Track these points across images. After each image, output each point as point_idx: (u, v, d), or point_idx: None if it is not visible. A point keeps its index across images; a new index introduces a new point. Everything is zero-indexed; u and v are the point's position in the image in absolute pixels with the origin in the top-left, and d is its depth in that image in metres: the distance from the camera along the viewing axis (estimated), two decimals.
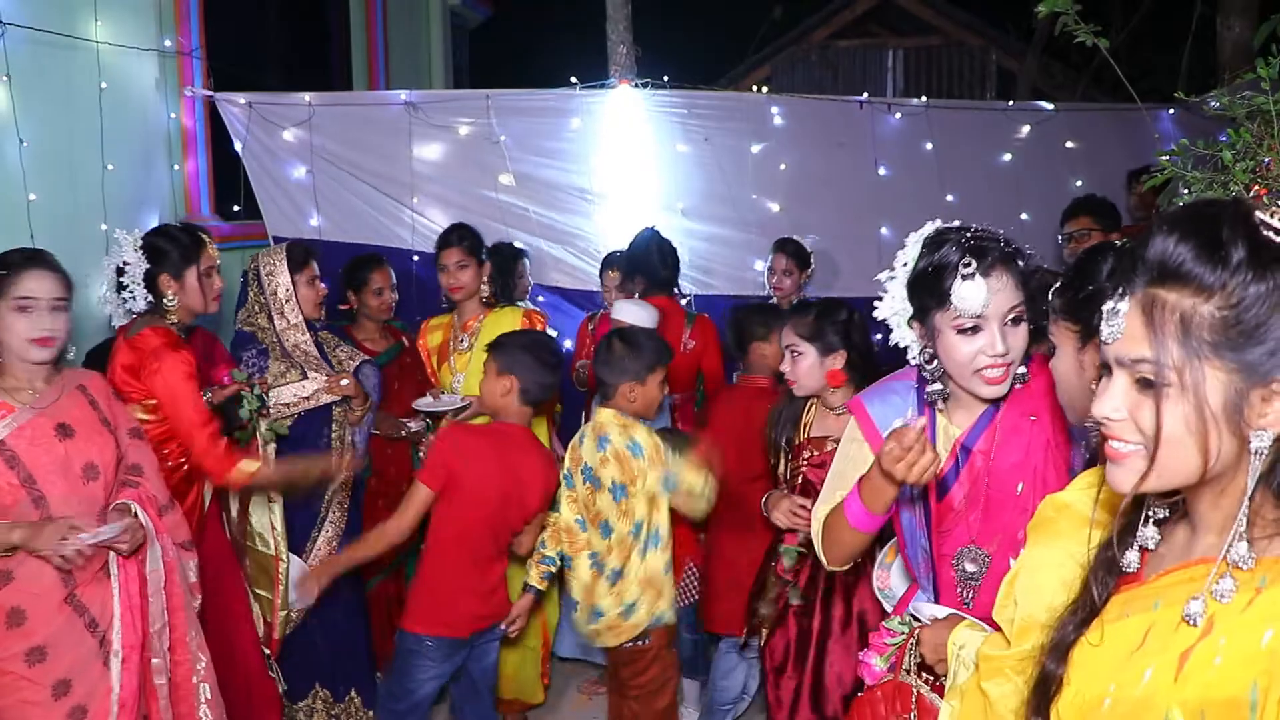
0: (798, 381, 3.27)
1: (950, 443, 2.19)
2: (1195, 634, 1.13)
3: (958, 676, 1.74)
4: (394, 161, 5.79)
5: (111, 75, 4.88)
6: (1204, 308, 1.12)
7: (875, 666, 2.22)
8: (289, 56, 7.42)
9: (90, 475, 2.88)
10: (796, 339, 3.24)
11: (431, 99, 5.94)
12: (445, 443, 3.40)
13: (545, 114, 5.92)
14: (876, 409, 2.31)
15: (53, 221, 4.37)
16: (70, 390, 2.95)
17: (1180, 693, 1.12)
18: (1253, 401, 1.11)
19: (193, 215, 5.71)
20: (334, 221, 5.77)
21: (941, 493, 2.20)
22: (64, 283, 2.97)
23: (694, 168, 6.00)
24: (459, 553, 3.37)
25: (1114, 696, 1.19)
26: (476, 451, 3.35)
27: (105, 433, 2.97)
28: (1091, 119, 6.70)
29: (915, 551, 2.29)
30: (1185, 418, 1.13)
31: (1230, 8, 6.62)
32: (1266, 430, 1.11)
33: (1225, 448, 1.13)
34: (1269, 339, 1.09)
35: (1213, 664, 1.10)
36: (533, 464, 3.45)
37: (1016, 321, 2.04)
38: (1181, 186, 2.50)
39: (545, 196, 5.91)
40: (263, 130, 5.64)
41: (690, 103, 5.98)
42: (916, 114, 6.30)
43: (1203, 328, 1.12)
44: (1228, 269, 1.10)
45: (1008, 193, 6.29)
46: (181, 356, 3.42)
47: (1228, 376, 1.11)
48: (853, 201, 6.19)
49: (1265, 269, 1.09)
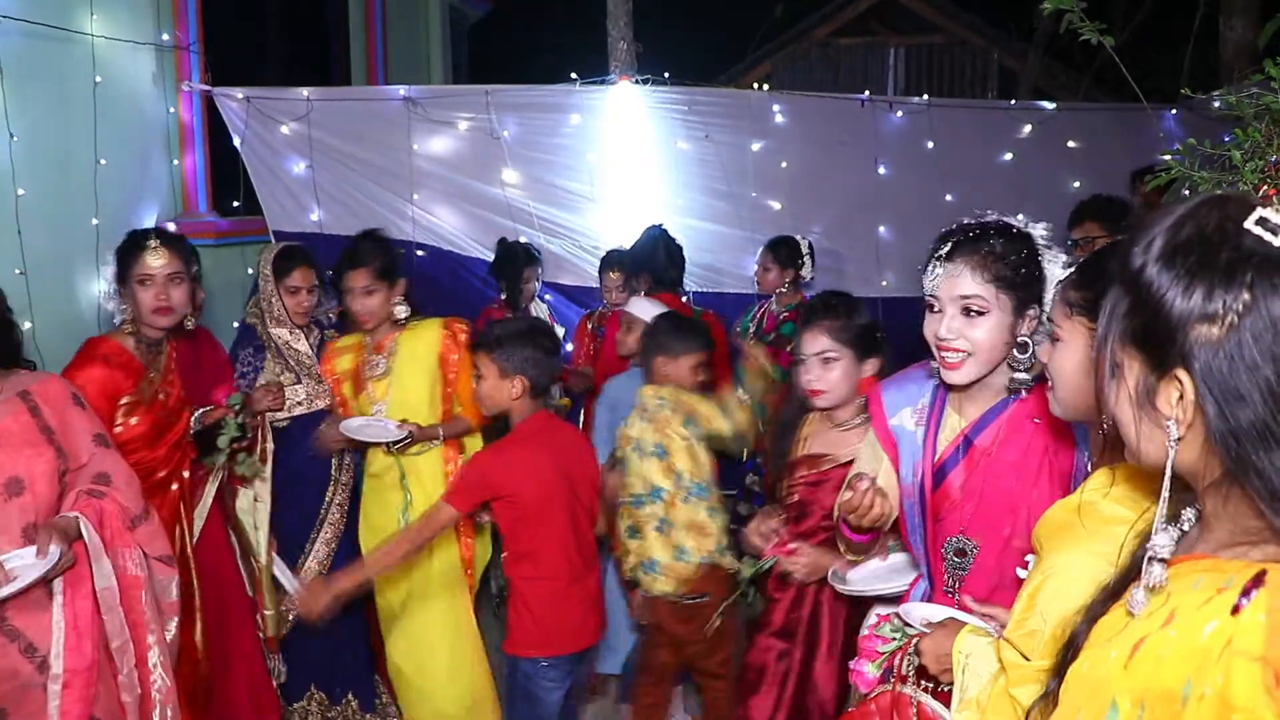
0: (827, 391, 2.94)
1: (954, 433, 2.25)
2: (1155, 624, 1.13)
3: (967, 689, 1.71)
4: (394, 157, 5.77)
5: (107, 70, 4.86)
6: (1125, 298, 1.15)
7: (868, 674, 2.18)
8: (288, 51, 7.40)
9: (13, 490, 2.67)
10: (831, 343, 2.93)
11: (431, 94, 5.93)
12: (484, 467, 3.20)
13: (545, 110, 5.90)
14: (890, 395, 2.40)
15: (42, 217, 4.34)
16: (6, 397, 2.73)
17: (1128, 679, 1.12)
18: (1160, 392, 1.13)
19: (190, 211, 5.69)
20: (334, 216, 5.74)
21: (938, 481, 2.26)
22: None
23: (694, 165, 5.98)
24: (551, 568, 3.19)
25: (1083, 673, 1.21)
26: (530, 467, 3.15)
27: (41, 443, 2.74)
28: (1093, 119, 6.69)
29: (914, 538, 2.34)
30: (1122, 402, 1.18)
31: (1232, 8, 6.61)
32: (1173, 422, 1.12)
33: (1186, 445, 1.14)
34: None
35: (1159, 654, 1.10)
36: (578, 451, 3.32)
37: (970, 313, 2.08)
38: (1187, 186, 2.47)
39: (545, 193, 5.90)
40: (261, 125, 5.61)
41: (691, 100, 5.96)
42: (918, 113, 6.28)
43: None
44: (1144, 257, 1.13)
45: (1007, 192, 6.26)
46: (75, 374, 3.20)
47: (1140, 365, 1.15)
48: (852, 200, 6.18)
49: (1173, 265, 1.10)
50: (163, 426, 3.40)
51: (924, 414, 2.32)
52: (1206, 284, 1.07)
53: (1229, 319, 1.06)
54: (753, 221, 5.94)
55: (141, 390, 3.33)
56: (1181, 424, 1.11)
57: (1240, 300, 1.06)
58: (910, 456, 2.32)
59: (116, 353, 3.32)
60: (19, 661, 2.63)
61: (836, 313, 2.97)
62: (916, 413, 2.33)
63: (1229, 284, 1.06)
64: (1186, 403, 1.10)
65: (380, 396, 3.81)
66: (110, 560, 2.75)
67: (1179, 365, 1.09)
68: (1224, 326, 1.06)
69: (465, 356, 3.69)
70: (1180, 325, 1.08)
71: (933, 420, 2.29)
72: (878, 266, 6.12)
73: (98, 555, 2.71)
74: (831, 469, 2.98)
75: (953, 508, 2.24)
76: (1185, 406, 1.10)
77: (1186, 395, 1.10)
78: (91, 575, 2.72)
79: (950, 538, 2.25)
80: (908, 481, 2.32)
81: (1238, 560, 1.12)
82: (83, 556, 2.71)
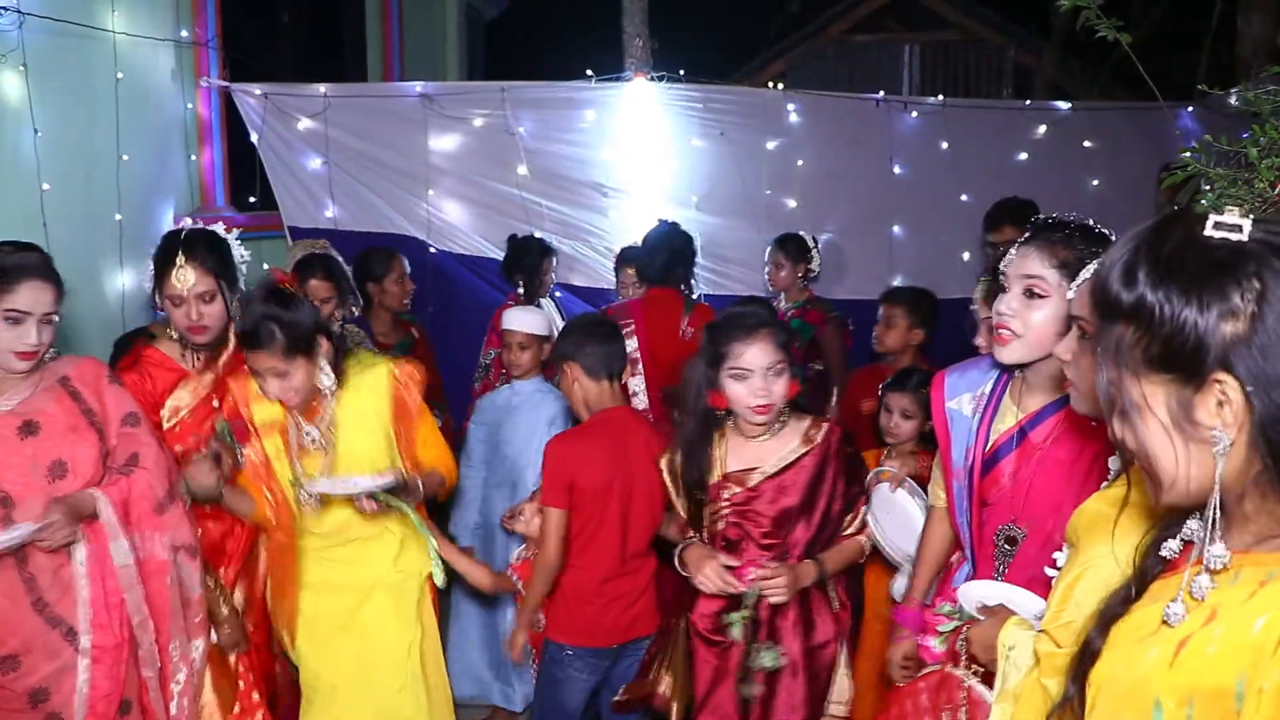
0: (775, 403, 2.79)
1: (1011, 423, 2.31)
2: (1198, 622, 1.13)
3: (1008, 679, 1.73)
4: (409, 153, 5.79)
5: (128, 66, 4.89)
6: (1128, 332, 1.16)
7: (935, 648, 2.24)
8: (304, 48, 7.44)
9: (56, 474, 2.70)
10: (780, 355, 2.79)
11: (447, 91, 5.95)
12: (555, 458, 3.17)
13: (560, 106, 5.91)
14: (953, 380, 2.48)
15: (67, 211, 4.38)
16: (48, 384, 2.76)
17: (1172, 678, 1.13)
18: (1199, 405, 1.13)
19: (208, 206, 5.73)
20: (349, 212, 5.77)
21: (988, 467, 2.32)
22: (58, 293, 2.76)
23: (709, 163, 5.98)
24: (592, 559, 3.19)
25: (1119, 675, 1.21)
26: (589, 456, 3.15)
27: (84, 427, 2.78)
28: (1108, 118, 6.66)
29: (961, 519, 2.41)
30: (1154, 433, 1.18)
31: (1250, 4, 6.58)
32: (1219, 430, 1.12)
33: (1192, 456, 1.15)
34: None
35: (1206, 653, 1.11)
36: (646, 449, 3.19)
37: (1031, 295, 2.15)
38: (1204, 184, 2.47)
39: (559, 190, 5.90)
40: (278, 121, 5.64)
41: (706, 97, 5.96)
42: (933, 113, 6.27)
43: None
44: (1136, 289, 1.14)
45: (1023, 192, 6.23)
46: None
47: (1165, 389, 1.15)
48: (867, 200, 6.16)
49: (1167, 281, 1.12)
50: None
51: (982, 401, 2.38)
52: (1215, 285, 1.09)
53: (1249, 309, 1.08)
54: (768, 220, 5.94)
55: (181, 397, 3.14)
56: (1230, 427, 1.11)
57: (1253, 289, 1.08)
58: (962, 441, 2.39)
59: (153, 357, 3.16)
60: (60, 645, 2.69)
61: (773, 320, 2.94)
62: (975, 399, 2.40)
63: (1235, 277, 1.08)
64: (1234, 403, 1.10)
65: (311, 471, 3.04)
66: (136, 541, 2.77)
67: (1217, 369, 1.10)
68: (1246, 318, 1.08)
69: (419, 401, 3.19)
70: (1206, 330, 1.09)
71: (990, 408, 2.36)
72: (890, 266, 6.12)
73: (114, 534, 2.73)
74: (763, 481, 2.84)
75: (1002, 495, 2.30)
76: (1234, 408, 1.11)
77: (1232, 395, 1.10)
78: (109, 554, 2.74)
79: (1002, 525, 2.31)
80: (958, 465, 2.39)
81: (1278, 553, 1.13)
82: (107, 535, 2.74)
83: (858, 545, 2.91)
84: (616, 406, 3.29)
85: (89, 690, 2.69)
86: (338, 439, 3.04)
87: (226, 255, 3.10)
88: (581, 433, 3.26)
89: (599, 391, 3.24)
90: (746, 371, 2.76)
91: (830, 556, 2.84)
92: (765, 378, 2.76)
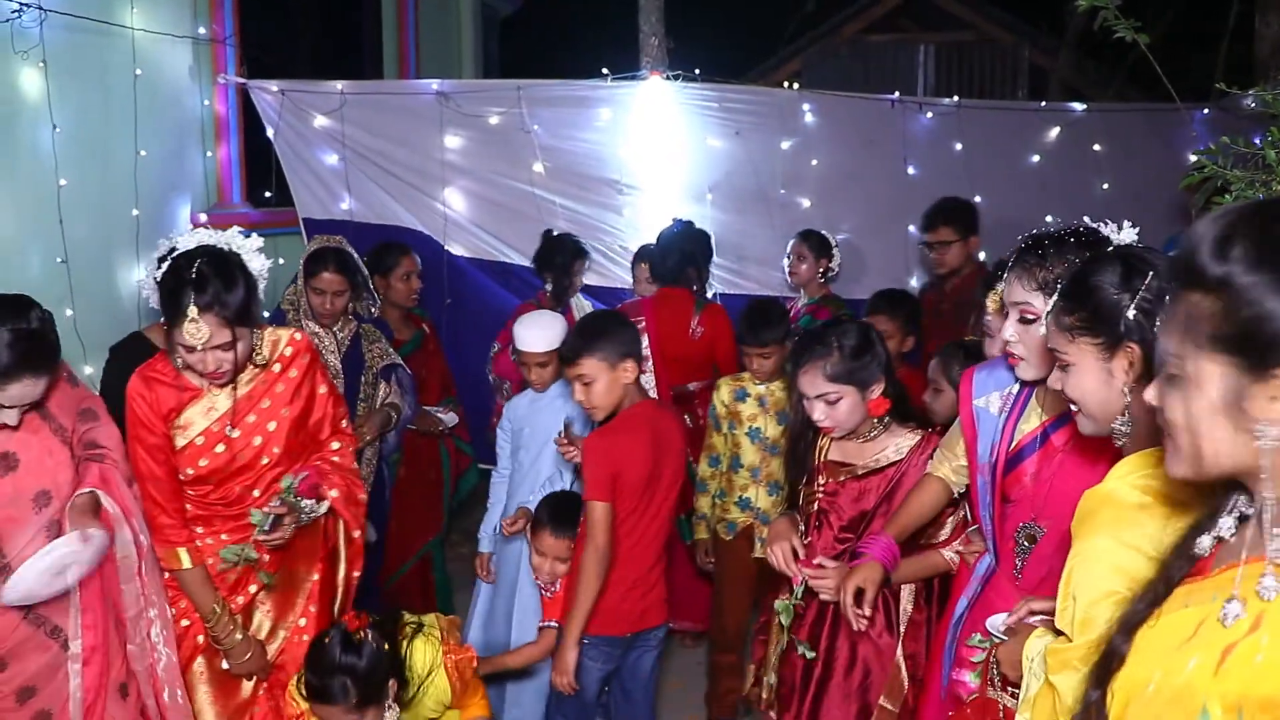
0: (839, 426, 2.86)
1: (1035, 424, 2.37)
2: (1242, 629, 1.12)
3: (1030, 688, 1.74)
4: (425, 151, 5.80)
5: (146, 62, 4.92)
6: (1205, 303, 1.14)
7: (970, 682, 2.27)
8: (321, 45, 7.46)
9: (41, 503, 2.66)
10: (829, 385, 2.82)
11: (463, 89, 5.95)
12: (597, 452, 3.11)
13: (576, 105, 5.91)
14: (982, 377, 2.53)
15: (83, 207, 4.41)
16: (27, 411, 2.65)
17: (1219, 686, 1.11)
18: (1255, 395, 1.12)
19: (224, 202, 5.76)
20: (366, 206, 5.79)
21: (1011, 466, 2.39)
22: (51, 379, 2.64)
23: (724, 161, 5.98)
24: (639, 550, 3.20)
25: (1158, 683, 1.19)
26: (632, 450, 3.12)
27: (59, 448, 2.72)
28: (1122, 119, 6.65)
29: (985, 514, 2.49)
30: (1197, 410, 1.17)
31: (1268, 4, 6.55)
32: (1269, 425, 1.11)
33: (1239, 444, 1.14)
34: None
35: (1253, 661, 1.09)
36: (674, 442, 3.26)
37: (1025, 319, 2.21)
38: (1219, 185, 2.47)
39: (574, 189, 5.90)
40: (295, 118, 5.65)
41: (722, 96, 5.95)
42: (947, 114, 6.26)
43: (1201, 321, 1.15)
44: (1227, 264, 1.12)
45: (1034, 194, 6.25)
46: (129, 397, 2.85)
47: (1224, 369, 1.13)
48: (881, 200, 6.16)
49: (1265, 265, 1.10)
50: (229, 466, 2.89)
51: (1009, 400, 2.45)
52: None
53: None
54: (782, 220, 5.94)
55: (192, 417, 2.85)
56: (1278, 424, 1.11)
57: None
58: (988, 438, 2.45)
59: (163, 374, 2.86)
60: (46, 641, 2.70)
61: (826, 349, 2.83)
62: (1003, 398, 2.46)
63: None
64: None
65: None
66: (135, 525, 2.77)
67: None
68: None
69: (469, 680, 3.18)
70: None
71: (1016, 408, 2.42)
72: (906, 267, 6.11)
73: (119, 522, 2.72)
74: (849, 480, 2.94)
75: (1024, 494, 2.37)
76: None
77: None
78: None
79: (1023, 523, 2.37)
80: (983, 461, 2.46)
81: None
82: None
83: (939, 558, 2.90)
84: (645, 399, 3.30)
85: (81, 695, 2.69)
86: None
87: (248, 292, 2.75)
88: (621, 426, 3.19)
89: (637, 386, 3.25)
90: (804, 395, 2.88)
91: (901, 564, 2.83)
92: (820, 404, 2.84)
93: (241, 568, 2.94)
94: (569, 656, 3.11)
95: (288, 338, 3.00)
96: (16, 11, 4.03)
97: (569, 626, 3.13)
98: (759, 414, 4.10)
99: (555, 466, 3.81)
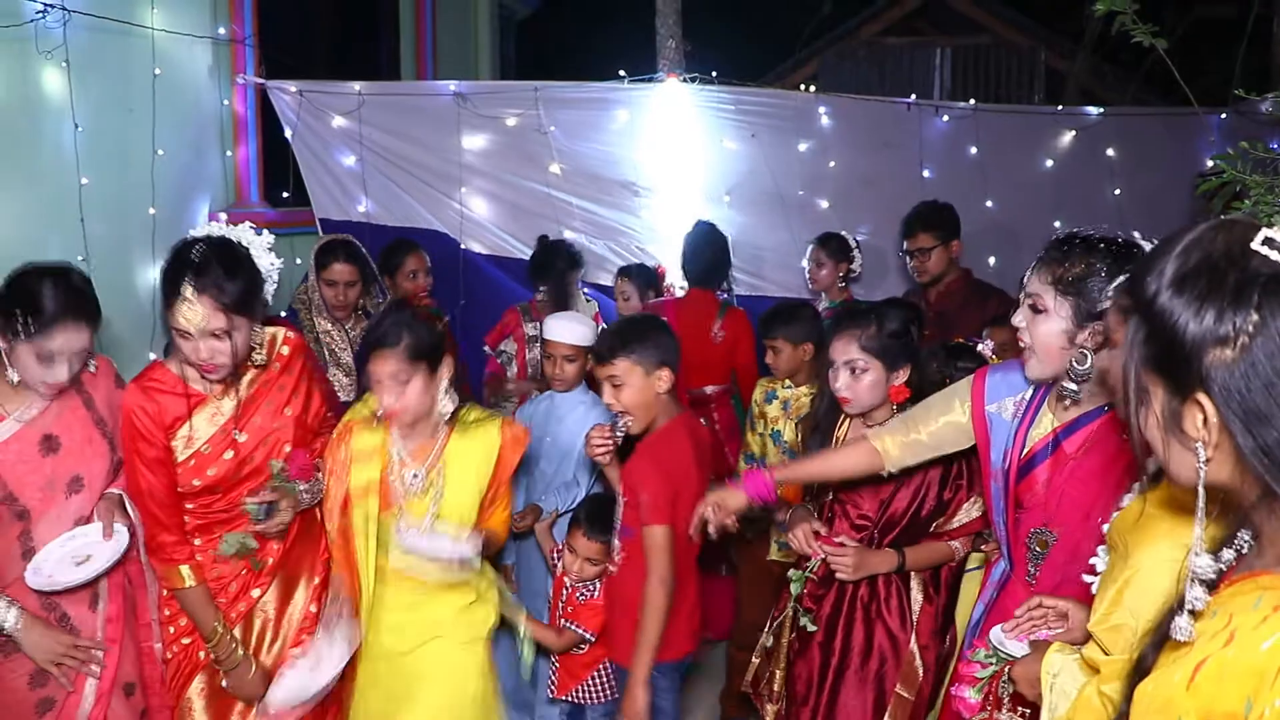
0: (855, 400, 2.88)
1: (1047, 431, 2.38)
2: (1217, 644, 1.13)
3: (1056, 708, 1.73)
4: (442, 152, 5.82)
5: (166, 62, 4.95)
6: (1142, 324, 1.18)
7: (970, 699, 2.24)
8: (339, 45, 7.49)
9: (74, 489, 2.69)
10: (860, 353, 2.85)
11: (480, 90, 5.97)
12: (659, 474, 2.95)
13: (593, 106, 5.93)
14: (995, 382, 2.53)
15: (103, 205, 4.44)
16: (65, 392, 2.69)
17: (1191, 700, 1.13)
18: (1186, 415, 1.14)
19: (242, 202, 5.78)
20: (383, 207, 5.81)
21: (1024, 472, 2.40)
22: (94, 329, 2.66)
23: (741, 164, 5.98)
24: (693, 568, 3.10)
25: (1150, 694, 1.21)
26: (681, 464, 3.00)
27: (98, 439, 2.74)
28: (1137, 124, 6.62)
29: (998, 519, 2.50)
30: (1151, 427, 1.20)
31: None
32: (1200, 445, 1.13)
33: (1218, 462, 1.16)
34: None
35: (1220, 675, 1.11)
36: (710, 454, 3.17)
37: (1035, 310, 2.23)
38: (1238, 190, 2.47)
39: (591, 190, 5.93)
40: (313, 118, 5.69)
41: (738, 99, 5.96)
42: (964, 117, 6.25)
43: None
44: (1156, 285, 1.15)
45: (1046, 199, 6.23)
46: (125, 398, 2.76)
47: (1162, 390, 1.17)
48: (896, 202, 6.12)
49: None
50: (238, 473, 2.80)
51: (1022, 406, 2.45)
52: (1217, 307, 1.09)
53: (1241, 340, 1.08)
54: (799, 222, 5.94)
55: (197, 425, 2.75)
56: (1208, 445, 1.12)
57: (1250, 321, 1.07)
58: (1001, 444, 2.46)
59: (163, 380, 2.75)
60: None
61: (866, 320, 2.88)
62: (1016, 404, 2.47)
63: (1238, 306, 1.08)
64: (1211, 424, 1.11)
65: (418, 520, 2.85)
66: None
67: (1198, 389, 1.11)
68: (1237, 348, 1.08)
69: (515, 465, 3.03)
70: (1195, 350, 1.10)
71: (1029, 415, 2.42)
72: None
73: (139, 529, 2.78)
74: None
75: (1036, 500, 2.38)
76: (1210, 428, 1.12)
77: (1210, 417, 1.11)
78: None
79: (1035, 529, 2.39)
80: (996, 466, 2.47)
81: None
82: None
83: (947, 548, 2.93)
84: (683, 411, 3.15)
85: (100, 681, 2.72)
86: (446, 486, 2.87)
87: (249, 282, 2.65)
88: (669, 442, 3.04)
89: (671, 397, 3.09)
90: (832, 362, 2.92)
91: (913, 551, 2.89)
92: (846, 372, 2.88)
93: (243, 577, 2.84)
94: (640, 697, 2.90)
95: (283, 336, 2.92)
96: (41, 12, 4.07)
97: (638, 666, 2.91)
98: (781, 417, 4.12)
99: (576, 474, 3.73)
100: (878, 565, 2.86)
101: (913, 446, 2.64)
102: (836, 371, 2.90)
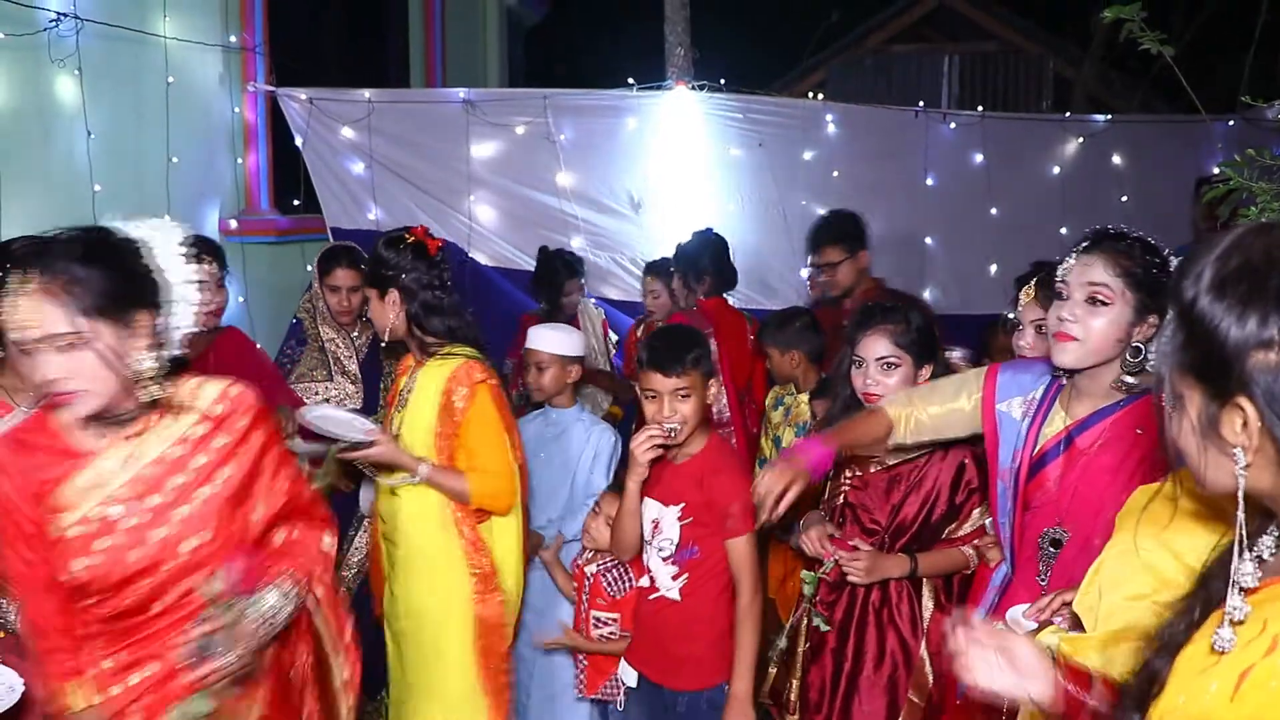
0: (885, 397, 2.80)
1: (1059, 428, 2.35)
2: (1258, 652, 1.11)
3: None
4: (451, 159, 5.84)
5: (178, 70, 4.99)
6: (1181, 327, 1.16)
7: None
8: (348, 53, 7.51)
9: None
10: (893, 349, 2.84)
11: (489, 97, 5.99)
12: (748, 484, 2.77)
13: (602, 114, 5.95)
14: (1004, 380, 2.51)
15: (116, 212, 4.45)
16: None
17: (1236, 711, 1.10)
18: (1225, 421, 1.12)
19: (252, 209, 5.81)
20: (392, 215, 5.82)
21: (1034, 472, 2.37)
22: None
23: (747, 172, 6.00)
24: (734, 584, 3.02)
25: (1182, 708, 1.18)
26: (748, 471, 3.00)
27: None
28: (1143, 132, 6.63)
29: (1003, 520, 2.47)
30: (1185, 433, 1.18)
31: None
32: (1241, 451, 1.12)
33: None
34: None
35: (1269, 685, 1.08)
36: None
37: (1094, 302, 2.19)
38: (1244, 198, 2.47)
39: (597, 200, 5.94)
40: (323, 126, 5.70)
41: (746, 107, 5.98)
42: (970, 124, 6.26)
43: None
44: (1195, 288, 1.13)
45: (1052, 206, 6.23)
46: None
47: (1199, 395, 1.15)
48: (902, 211, 6.15)
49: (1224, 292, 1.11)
50: (118, 568, 2.09)
51: (1032, 406, 2.42)
52: (1260, 311, 1.07)
53: None
54: (803, 231, 5.92)
55: (70, 495, 2.09)
56: (1249, 450, 1.10)
57: None
58: (1011, 444, 2.43)
59: (39, 430, 2.07)
60: None
61: (897, 317, 2.87)
62: (1026, 403, 2.44)
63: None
64: (1251, 429, 1.10)
65: (394, 430, 3.12)
66: None
67: (1240, 393, 1.09)
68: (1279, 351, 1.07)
69: (479, 405, 3.04)
70: (1237, 353, 1.08)
71: (1040, 414, 2.40)
72: (922, 280, 6.11)
73: None
74: (878, 472, 2.95)
75: (1047, 499, 2.35)
76: (1251, 432, 1.10)
77: (1250, 421, 1.09)
78: None
79: (1047, 528, 2.35)
80: (1004, 466, 2.44)
81: None
82: None
83: (961, 555, 2.90)
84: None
85: None
86: (410, 404, 3.10)
87: (120, 283, 1.96)
88: (726, 452, 3.03)
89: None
90: (861, 359, 2.88)
91: (926, 557, 2.87)
92: (877, 369, 2.85)
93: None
94: (752, 716, 2.85)
95: (219, 392, 2.13)
96: (54, 21, 4.10)
97: (739, 684, 2.85)
98: (783, 423, 4.12)
99: (583, 496, 3.59)
100: (891, 569, 2.84)
101: (922, 424, 2.64)
102: (865, 368, 2.86)
